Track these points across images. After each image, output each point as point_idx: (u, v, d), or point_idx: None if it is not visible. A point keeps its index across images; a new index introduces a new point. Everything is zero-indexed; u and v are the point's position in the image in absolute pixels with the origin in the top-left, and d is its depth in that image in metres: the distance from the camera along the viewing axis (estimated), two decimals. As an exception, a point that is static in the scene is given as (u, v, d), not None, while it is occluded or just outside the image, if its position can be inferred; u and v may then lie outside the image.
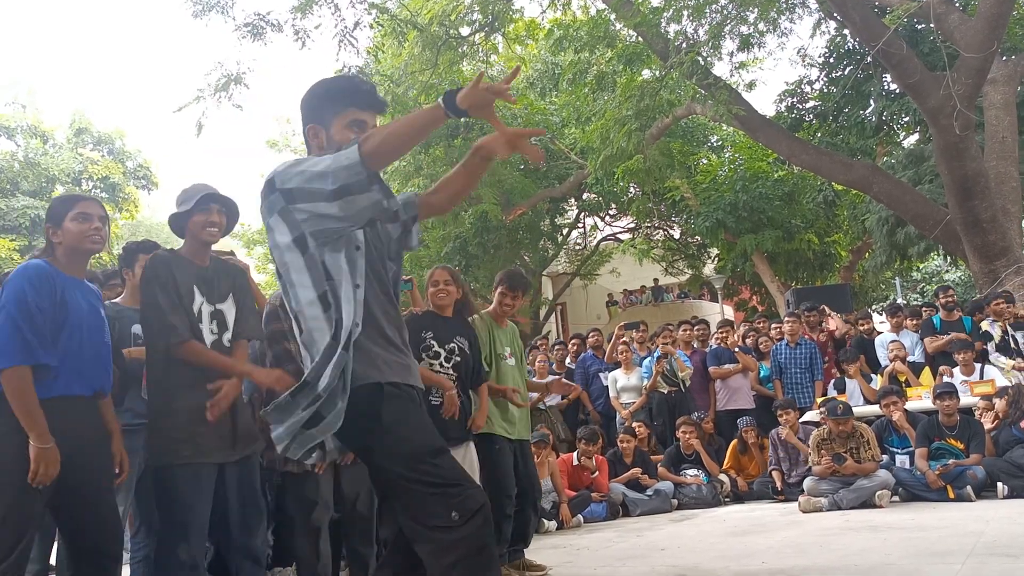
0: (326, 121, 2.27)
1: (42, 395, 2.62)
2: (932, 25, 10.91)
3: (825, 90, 15.86)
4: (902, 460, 6.76)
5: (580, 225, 22.17)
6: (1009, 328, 7.70)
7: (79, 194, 3.06)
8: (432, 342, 4.14)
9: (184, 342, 2.96)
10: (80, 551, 2.77)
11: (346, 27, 10.62)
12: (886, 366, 8.16)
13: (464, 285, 4.53)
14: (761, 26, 11.52)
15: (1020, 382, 7.04)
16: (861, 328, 9.01)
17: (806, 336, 8.75)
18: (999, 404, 6.81)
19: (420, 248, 17.06)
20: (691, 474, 7.56)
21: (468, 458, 4.12)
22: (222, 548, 3.11)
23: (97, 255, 3.49)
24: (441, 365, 4.13)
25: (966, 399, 7.03)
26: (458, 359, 4.18)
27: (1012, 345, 7.66)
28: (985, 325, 8.02)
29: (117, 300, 3.88)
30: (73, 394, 2.72)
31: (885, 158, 15.76)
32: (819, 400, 7.76)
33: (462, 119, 14.83)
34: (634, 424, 8.02)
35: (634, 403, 8.40)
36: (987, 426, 6.74)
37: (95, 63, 68.26)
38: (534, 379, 8.48)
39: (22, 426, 2.57)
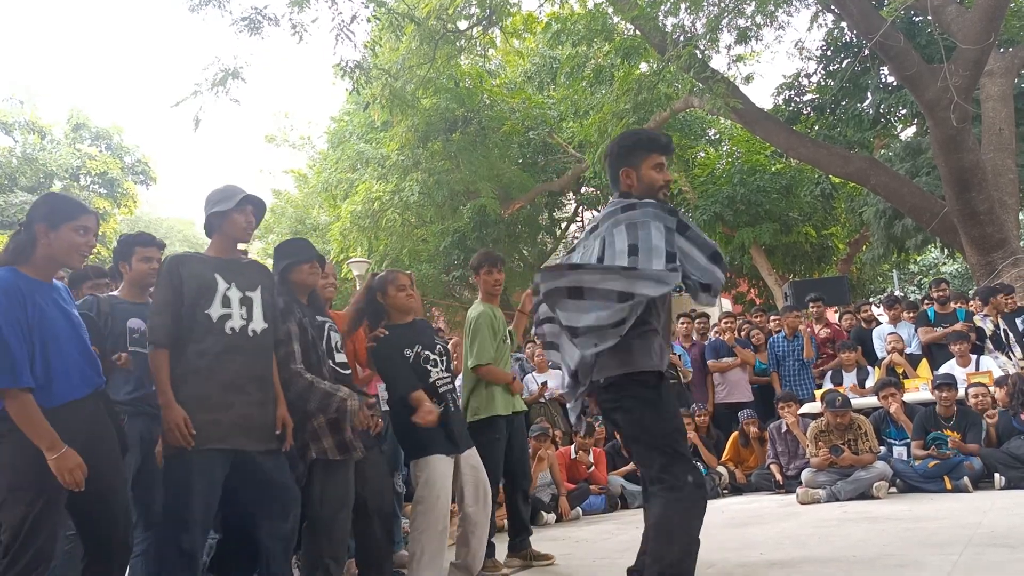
0: (636, 164, 2.96)
1: (47, 404, 2.62)
2: (929, 17, 10.91)
3: (823, 83, 15.83)
4: (899, 451, 6.79)
5: (578, 219, 22.13)
6: (1001, 321, 7.72)
7: (82, 203, 2.97)
8: (426, 352, 3.98)
9: (157, 347, 2.99)
10: (92, 545, 2.80)
11: (343, 21, 10.58)
12: (883, 358, 8.19)
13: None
14: (758, 19, 11.49)
15: (1020, 372, 7.07)
16: (862, 316, 9.06)
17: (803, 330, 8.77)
18: (999, 393, 6.82)
19: (419, 243, 17.09)
20: (690, 467, 7.58)
21: (480, 466, 4.14)
22: (252, 531, 3.12)
23: (95, 252, 3.47)
24: (440, 372, 4.01)
25: (962, 389, 7.07)
26: (446, 360, 4.08)
27: (1004, 340, 7.68)
28: (978, 320, 8.05)
29: (115, 293, 3.88)
30: (69, 400, 2.69)
31: (882, 151, 15.76)
32: (818, 393, 7.79)
33: (459, 108, 14.67)
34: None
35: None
36: (988, 418, 6.77)
37: (92, 59, 68.10)
38: (535, 373, 8.54)
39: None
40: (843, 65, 14.91)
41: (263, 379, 3.13)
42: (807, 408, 7.62)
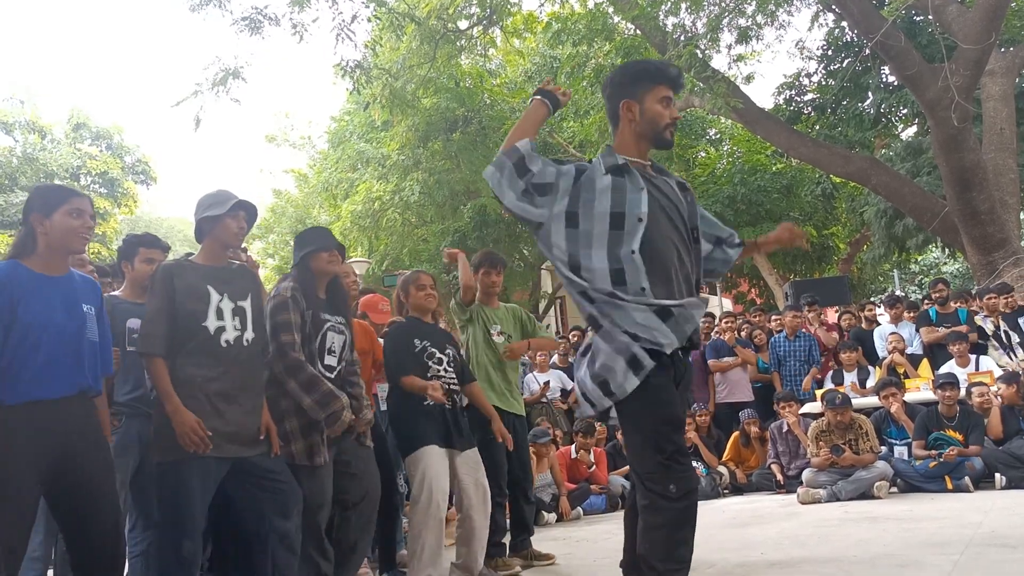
0: (639, 97, 2.60)
1: (9, 400, 2.58)
2: (930, 17, 10.90)
3: (823, 82, 15.83)
4: (900, 451, 6.79)
5: (579, 219, 22.20)
6: (1002, 322, 7.71)
7: (72, 188, 2.97)
8: (433, 349, 4.08)
9: (152, 355, 2.96)
10: (81, 551, 2.75)
11: (343, 21, 10.58)
12: (884, 358, 8.18)
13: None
14: (759, 18, 11.48)
15: None
16: (865, 314, 9.07)
17: (804, 329, 8.77)
18: (1007, 391, 6.77)
19: (420, 243, 17.09)
20: (690, 466, 7.58)
21: (479, 465, 4.14)
22: (254, 532, 3.09)
23: (96, 252, 3.46)
24: (445, 371, 4.09)
25: (962, 390, 7.05)
26: (453, 365, 4.16)
27: (1005, 340, 7.66)
28: (979, 320, 8.04)
29: (116, 293, 3.88)
30: (46, 397, 2.64)
31: (883, 150, 15.76)
32: (819, 392, 7.79)
33: (460, 107, 14.48)
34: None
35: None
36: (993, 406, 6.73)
37: (93, 58, 68.14)
38: (536, 372, 8.55)
39: None
40: (844, 65, 14.91)
41: (254, 388, 3.15)
42: (808, 408, 7.62)
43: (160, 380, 2.94)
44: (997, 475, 6.26)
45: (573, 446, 7.37)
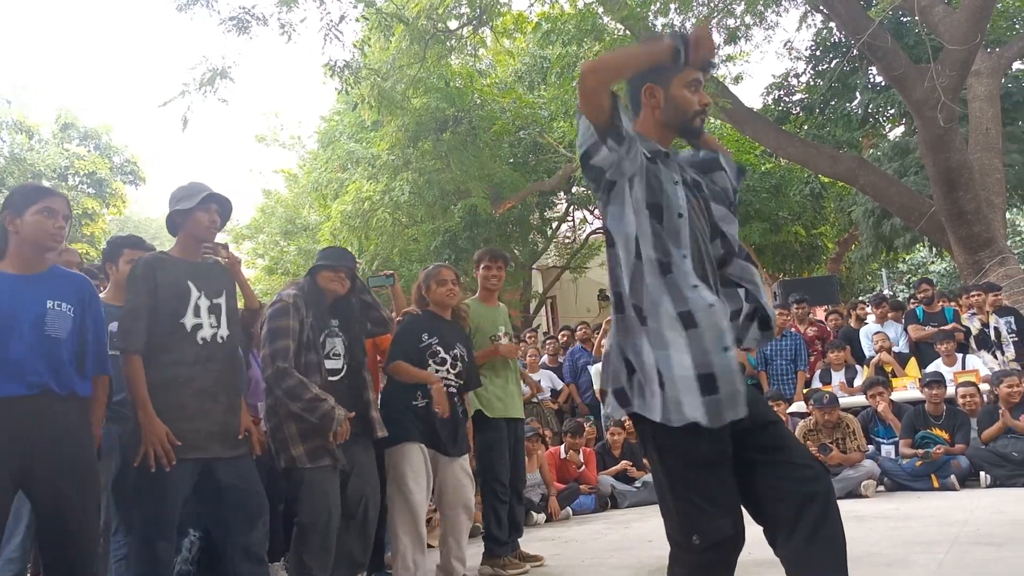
0: (665, 80, 2.22)
1: None
2: (917, 18, 10.96)
3: (811, 83, 15.91)
4: (887, 450, 6.83)
5: (569, 218, 22.15)
6: (991, 319, 7.76)
7: (47, 187, 2.93)
8: (438, 347, 4.03)
9: (131, 353, 2.94)
10: (46, 551, 2.74)
11: (331, 21, 10.58)
12: (872, 357, 8.22)
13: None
14: (748, 19, 11.55)
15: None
16: (857, 313, 9.14)
17: (792, 328, 8.80)
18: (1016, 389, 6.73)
19: (410, 243, 17.07)
20: (680, 466, 7.58)
21: (464, 470, 4.12)
22: (219, 543, 3.09)
23: (84, 252, 3.43)
24: (447, 372, 4.04)
25: (950, 389, 7.10)
26: (460, 367, 4.11)
27: (993, 337, 7.72)
28: (965, 319, 8.10)
29: (100, 295, 3.85)
30: (6, 395, 2.60)
31: (871, 150, 15.84)
32: (805, 391, 7.82)
33: (450, 107, 14.36)
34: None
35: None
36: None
37: (81, 58, 67.68)
38: (525, 371, 8.56)
39: None
40: (832, 65, 14.98)
41: (232, 385, 3.14)
42: (795, 407, 7.65)
43: (136, 382, 2.91)
44: (982, 473, 6.30)
45: (562, 446, 7.38)
